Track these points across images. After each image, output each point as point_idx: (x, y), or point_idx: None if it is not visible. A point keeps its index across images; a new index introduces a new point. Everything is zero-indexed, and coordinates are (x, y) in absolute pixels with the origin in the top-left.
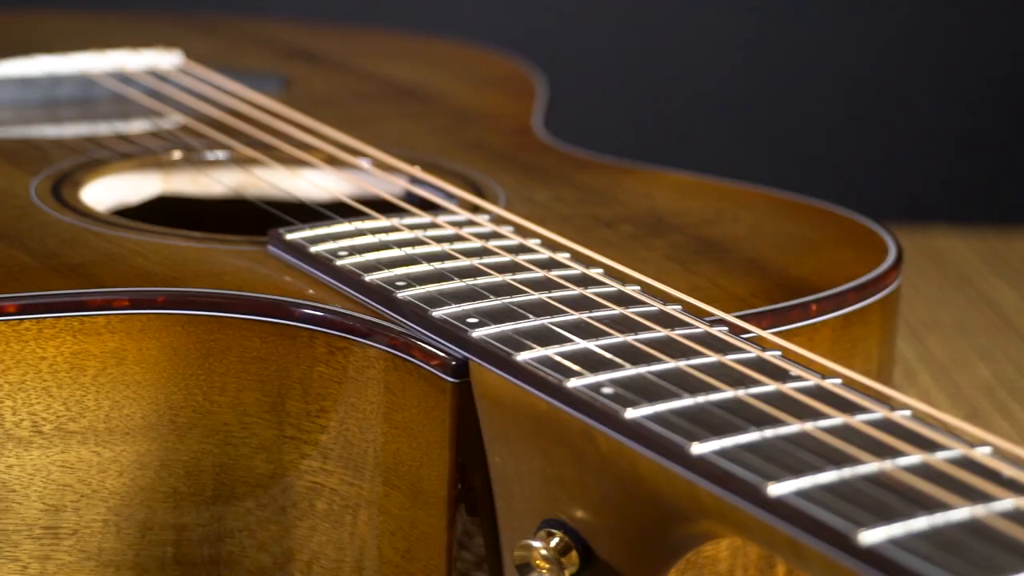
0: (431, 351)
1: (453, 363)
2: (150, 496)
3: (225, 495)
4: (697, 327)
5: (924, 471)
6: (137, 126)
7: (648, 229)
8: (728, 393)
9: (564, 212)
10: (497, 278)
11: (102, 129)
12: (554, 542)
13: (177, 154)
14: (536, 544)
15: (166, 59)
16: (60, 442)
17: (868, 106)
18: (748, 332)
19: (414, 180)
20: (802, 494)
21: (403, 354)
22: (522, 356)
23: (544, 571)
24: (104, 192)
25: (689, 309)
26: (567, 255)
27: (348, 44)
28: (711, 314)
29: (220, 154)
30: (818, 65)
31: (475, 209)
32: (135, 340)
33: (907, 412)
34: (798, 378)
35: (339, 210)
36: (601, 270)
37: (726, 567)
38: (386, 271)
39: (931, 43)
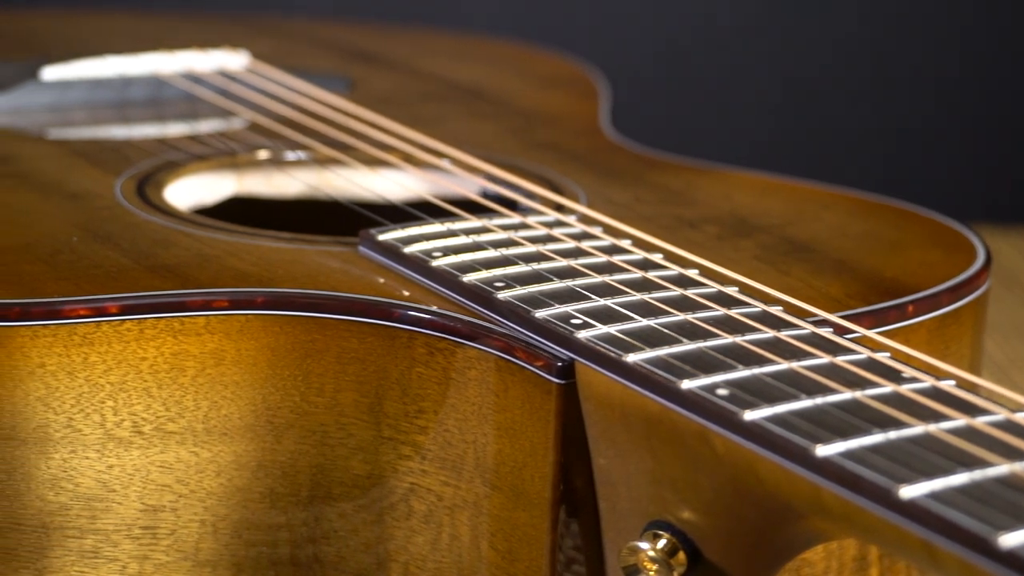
0: (535, 352)
1: (558, 364)
2: (247, 496)
3: (321, 496)
4: (803, 328)
5: None
6: (211, 126)
7: (733, 230)
8: (845, 395)
9: (646, 213)
10: (596, 279)
11: (177, 130)
12: (661, 543)
13: (261, 154)
14: (643, 546)
15: (234, 59)
16: (159, 442)
17: (914, 107)
18: (851, 333)
19: (496, 180)
20: (935, 496)
21: (506, 355)
22: (632, 357)
23: (652, 573)
24: (184, 192)
25: (789, 310)
26: (660, 255)
27: (405, 45)
28: (813, 315)
29: (297, 154)
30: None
31: (559, 208)
32: (234, 341)
33: None
34: (913, 379)
35: (421, 209)
36: (697, 271)
37: (821, 568)
38: (483, 272)
39: (966, 46)
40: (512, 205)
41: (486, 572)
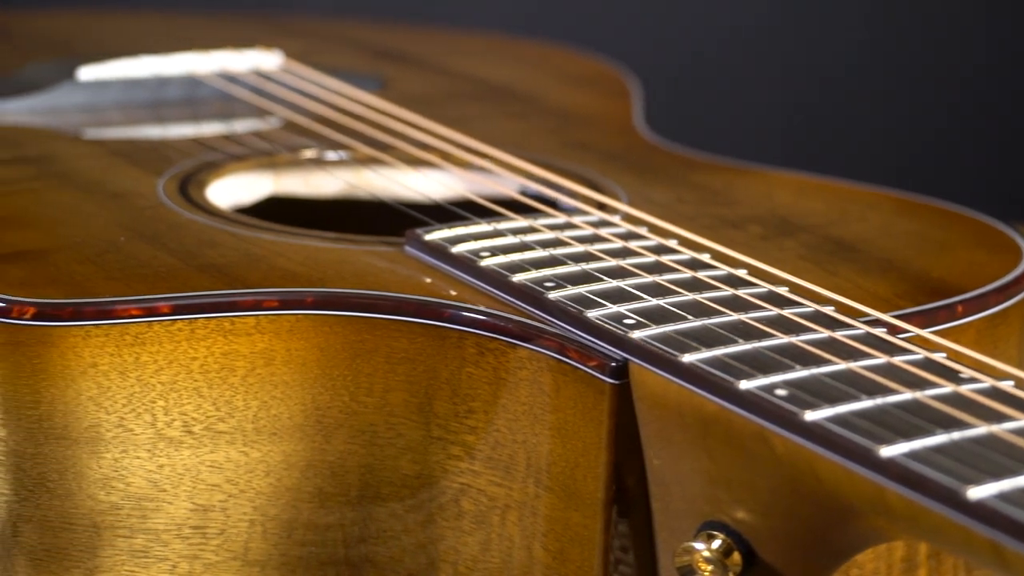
0: (589, 352)
1: (612, 364)
2: (296, 496)
3: (370, 496)
4: (857, 328)
5: None
6: (248, 126)
7: (776, 229)
8: (905, 395)
9: (688, 212)
10: (646, 278)
11: (214, 129)
12: (716, 544)
13: (299, 153)
14: (698, 546)
15: (268, 59)
16: (209, 442)
17: (952, 108)
18: (904, 333)
19: (540, 180)
20: (1003, 497)
21: (559, 355)
22: (688, 357)
23: (707, 573)
24: (223, 192)
25: (841, 310)
26: (708, 255)
27: (434, 44)
28: (865, 315)
29: (334, 153)
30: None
31: (602, 208)
32: (284, 341)
33: None
34: (971, 379)
35: (462, 209)
36: (745, 270)
37: (870, 569)
38: (533, 272)
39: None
40: (551, 205)
41: (537, 573)
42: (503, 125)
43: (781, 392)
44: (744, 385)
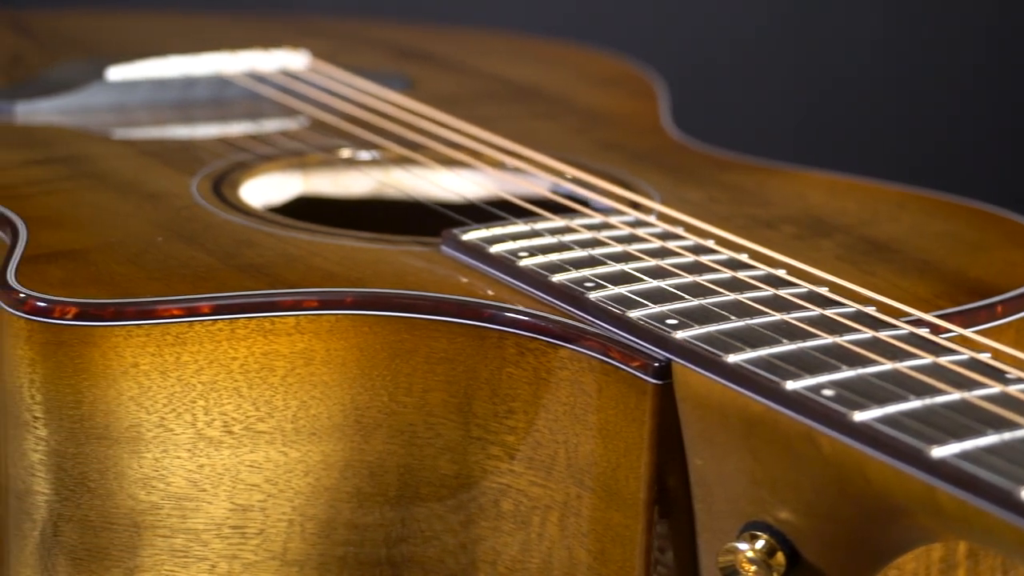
0: (632, 353)
1: (655, 364)
2: (334, 496)
3: (409, 496)
4: (901, 328)
5: None
6: (278, 126)
7: (811, 230)
8: (953, 395)
9: (722, 212)
10: (686, 278)
11: (244, 129)
12: (759, 544)
13: (329, 153)
14: (742, 547)
15: (295, 59)
16: (249, 442)
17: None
18: (947, 333)
19: (575, 180)
20: None
21: (601, 356)
22: (733, 358)
23: (750, 573)
24: (255, 191)
25: (882, 310)
26: (746, 255)
27: (457, 44)
28: (907, 315)
29: (364, 153)
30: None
31: (635, 207)
32: (323, 341)
33: None
34: (1018, 379)
35: (494, 208)
36: (784, 270)
37: (909, 569)
38: (573, 272)
39: None
40: (582, 205)
41: (577, 573)
42: (531, 125)
43: (828, 392)
44: (791, 385)
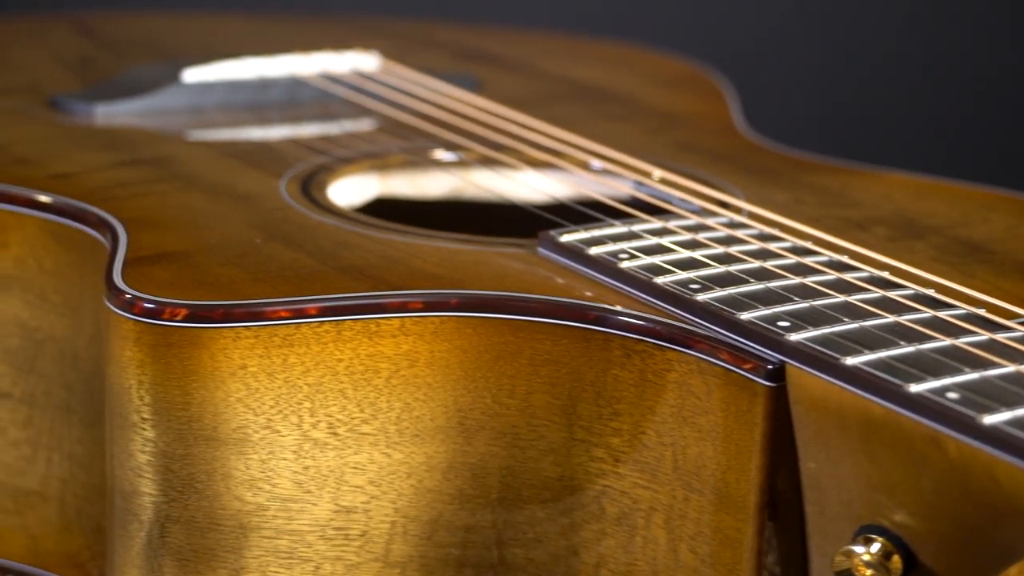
0: (743, 355)
1: (768, 367)
2: (437, 498)
3: (511, 498)
4: (1015, 330)
5: None
6: (356, 126)
7: (903, 231)
8: None
9: (811, 214)
10: (792, 280)
11: (325, 130)
12: (875, 548)
13: (409, 154)
14: (858, 550)
15: (367, 60)
16: (353, 443)
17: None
18: None
19: (662, 181)
20: None
21: (710, 358)
22: (851, 360)
23: None
24: (338, 193)
25: (991, 311)
26: (846, 256)
27: (521, 46)
28: (1019, 315)
29: (447, 153)
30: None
31: (725, 208)
32: (427, 343)
33: None
34: None
35: (577, 209)
36: (887, 272)
37: (1014, 572)
38: (677, 274)
39: None
40: (668, 205)
41: (681, 575)
42: (603, 126)
43: (953, 395)
44: (914, 388)
